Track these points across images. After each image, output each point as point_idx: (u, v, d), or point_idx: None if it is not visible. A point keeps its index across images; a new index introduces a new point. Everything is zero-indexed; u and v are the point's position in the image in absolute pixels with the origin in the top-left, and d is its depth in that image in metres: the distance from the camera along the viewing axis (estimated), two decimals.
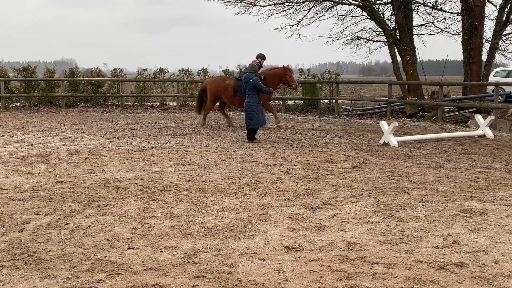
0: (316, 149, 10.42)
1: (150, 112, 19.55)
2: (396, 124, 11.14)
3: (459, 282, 3.87)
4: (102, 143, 11.13)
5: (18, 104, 20.97)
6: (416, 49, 18.90)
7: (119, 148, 10.37)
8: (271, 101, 15.97)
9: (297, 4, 19.93)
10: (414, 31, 19.40)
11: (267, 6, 19.94)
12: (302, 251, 4.51)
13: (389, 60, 19.68)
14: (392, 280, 3.90)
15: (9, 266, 4.14)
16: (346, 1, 19.60)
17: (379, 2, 19.46)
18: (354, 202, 6.24)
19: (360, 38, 20.36)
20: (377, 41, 20.22)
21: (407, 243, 4.74)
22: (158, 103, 22.53)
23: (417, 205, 6.12)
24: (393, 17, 18.89)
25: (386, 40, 19.26)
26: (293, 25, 20.57)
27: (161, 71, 22.79)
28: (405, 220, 5.46)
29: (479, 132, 12.67)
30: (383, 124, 11.38)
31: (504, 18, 17.81)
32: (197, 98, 15.55)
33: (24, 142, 11.16)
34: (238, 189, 6.87)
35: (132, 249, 4.56)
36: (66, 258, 4.32)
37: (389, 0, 19.03)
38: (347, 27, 24.91)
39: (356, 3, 19.45)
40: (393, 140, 11.00)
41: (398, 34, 18.76)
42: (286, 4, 19.92)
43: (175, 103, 21.79)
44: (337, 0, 19.67)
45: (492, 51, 18.09)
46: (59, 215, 5.61)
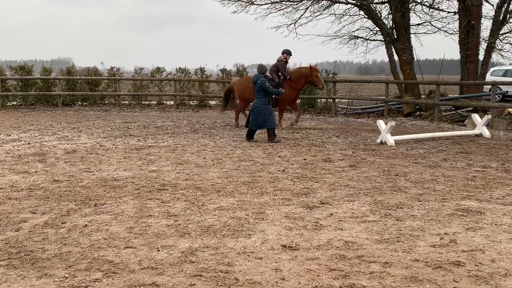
0: (313, 148, 10.43)
1: (147, 111, 19.53)
2: (393, 123, 11.15)
3: (456, 281, 3.88)
4: (99, 142, 11.11)
5: (15, 103, 20.94)
6: (413, 48, 18.95)
7: (116, 147, 10.36)
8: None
9: (295, 3, 19.93)
10: (411, 30, 19.43)
11: (264, 4, 19.95)
12: (299, 250, 4.51)
13: (386, 59, 19.72)
14: (389, 279, 3.90)
15: (6, 265, 4.13)
16: (344, 0, 19.62)
17: (376, 1, 19.47)
18: (351, 201, 6.24)
19: (357, 37, 20.36)
20: (374, 40, 20.25)
21: (404, 242, 4.74)
22: (155, 102, 22.52)
23: (414, 204, 6.12)
24: (390, 16, 18.91)
25: (383, 39, 19.28)
26: (290, 24, 20.57)
27: (158, 70, 22.78)
28: (402, 219, 5.47)
29: (476, 131, 12.69)
30: (380, 123, 11.39)
31: (501, 18, 17.84)
32: (223, 97, 15.72)
33: (21, 141, 11.14)
34: (235, 188, 6.87)
35: (129, 248, 4.56)
36: (62, 257, 4.31)
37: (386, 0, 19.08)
38: (344, 26, 24.87)
39: (354, 2, 19.46)
40: (390, 139, 11.02)
41: (395, 33, 18.78)
42: (284, 3, 19.92)
43: (172, 102, 21.78)
44: None
45: (489, 50, 18.12)
46: (56, 214, 5.60)
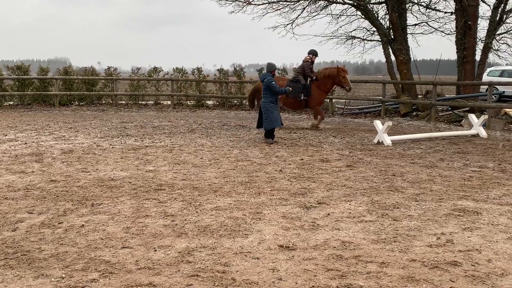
0: (310, 148, 10.44)
1: (144, 111, 19.51)
2: (390, 123, 11.17)
3: (453, 281, 3.89)
4: (96, 142, 11.09)
5: (12, 103, 20.88)
6: (410, 48, 19.02)
7: (113, 147, 10.34)
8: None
9: (292, 3, 19.95)
10: (408, 31, 19.49)
11: (261, 4, 19.98)
12: (296, 250, 4.52)
13: (383, 59, 19.76)
14: (386, 279, 3.91)
15: (2, 265, 4.12)
16: (341, 1, 19.65)
17: (373, 1, 19.51)
18: (348, 201, 6.25)
19: (354, 37, 20.41)
20: (371, 40, 20.29)
21: (401, 242, 4.75)
22: (152, 102, 22.50)
23: (410, 204, 6.14)
24: (387, 16, 18.95)
25: (380, 40, 19.31)
26: (287, 24, 20.61)
27: (156, 69, 22.76)
28: (399, 219, 5.48)
29: (472, 131, 12.72)
30: (377, 123, 11.40)
31: (497, 18, 17.90)
32: (248, 98, 15.82)
33: (18, 141, 11.11)
34: (233, 188, 6.86)
35: (126, 248, 4.55)
36: (59, 257, 4.30)
37: (383, 0, 19.09)
38: (341, 26, 24.98)
39: (351, 2, 19.49)
40: (387, 139, 11.03)
41: (392, 34, 18.82)
42: (281, 3, 19.95)
43: (169, 102, 21.76)
44: None
45: (485, 51, 18.18)
46: (53, 214, 5.59)
